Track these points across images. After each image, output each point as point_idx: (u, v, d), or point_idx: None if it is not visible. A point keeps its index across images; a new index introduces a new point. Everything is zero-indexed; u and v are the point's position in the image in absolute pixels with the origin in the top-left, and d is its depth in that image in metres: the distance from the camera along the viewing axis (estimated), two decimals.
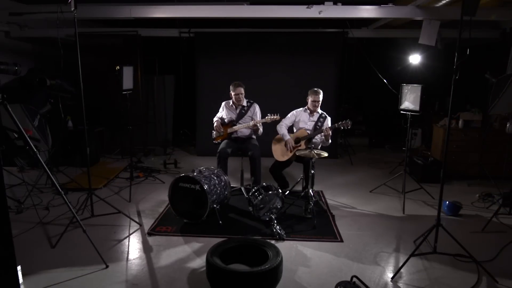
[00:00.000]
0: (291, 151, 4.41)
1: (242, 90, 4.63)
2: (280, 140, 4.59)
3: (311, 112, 4.56)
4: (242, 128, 4.64)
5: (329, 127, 4.28)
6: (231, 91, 4.66)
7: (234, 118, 4.71)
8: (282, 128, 4.58)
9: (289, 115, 4.66)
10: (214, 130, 4.74)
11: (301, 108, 4.64)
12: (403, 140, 4.80)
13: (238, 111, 4.73)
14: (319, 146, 4.49)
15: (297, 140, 4.46)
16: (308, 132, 4.46)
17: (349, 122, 4.24)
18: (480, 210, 4.36)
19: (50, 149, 5.15)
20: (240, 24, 6.68)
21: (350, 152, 6.89)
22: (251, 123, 4.55)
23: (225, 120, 4.75)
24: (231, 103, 4.75)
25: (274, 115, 4.43)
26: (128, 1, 5.15)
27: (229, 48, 6.63)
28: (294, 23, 6.53)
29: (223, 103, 4.85)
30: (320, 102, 4.52)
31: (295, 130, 4.64)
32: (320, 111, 4.57)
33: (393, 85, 5.32)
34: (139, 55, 6.71)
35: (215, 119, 4.80)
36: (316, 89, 4.51)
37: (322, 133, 4.26)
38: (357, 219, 4.06)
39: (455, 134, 5.46)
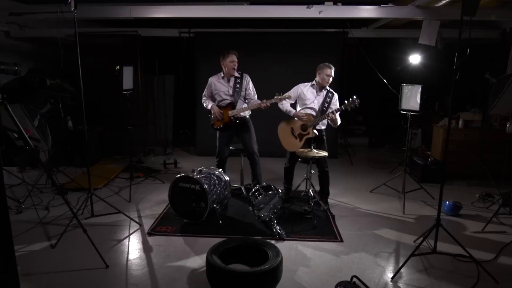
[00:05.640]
0: (300, 140, 4.14)
1: (235, 58, 4.22)
2: (285, 128, 4.24)
3: (320, 89, 4.17)
4: (246, 110, 4.28)
5: (334, 111, 3.99)
6: (225, 60, 4.23)
7: (230, 93, 4.28)
8: (284, 105, 4.17)
9: (292, 89, 4.23)
10: (211, 115, 4.34)
11: (306, 83, 4.22)
12: (403, 140, 4.80)
13: (232, 84, 4.28)
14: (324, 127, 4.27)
15: (304, 127, 4.14)
16: (314, 113, 4.13)
17: (357, 101, 3.88)
18: (480, 210, 4.36)
19: (50, 149, 5.14)
20: (240, 24, 6.68)
21: (350, 152, 6.90)
22: (260, 103, 4.09)
23: (222, 104, 4.34)
24: (222, 75, 4.34)
25: (281, 94, 4.02)
26: (128, 1, 5.15)
27: (229, 48, 6.60)
28: (294, 23, 6.53)
29: (210, 79, 4.42)
30: (332, 77, 4.09)
31: (298, 109, 4.26)
32: (327, 87, 4.18)
33: (393, 85, 5.33)
34: (139, 55, 6.71)
35: (208, 103, 4.37)
36: (327, 63, 4.11)
37: (329, 117, 4.01)
38: (357, 219, 4.06)
39: (455, 134, 5.46)
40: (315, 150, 3.84)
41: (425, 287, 2.77)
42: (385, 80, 5.50)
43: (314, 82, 4.21)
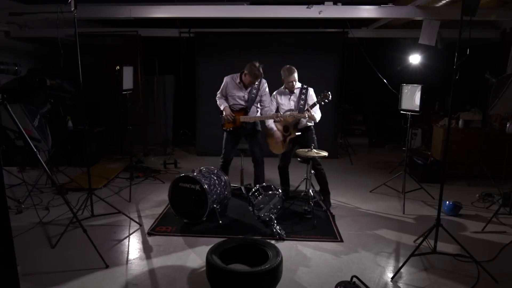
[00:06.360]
0: (283, 142, 4.25)
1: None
2: (269, 132, 4.37)
3: (289, 91, 4.26)
4: (258, 119, 4.27)
5: (308, 109, 4.03)
6: (249, 75, 4.10)
7: (245, 99, 4.23)
8: (269, 122, 4.29)
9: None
10: (222, 115, 4.28)
11: (276, 91, 4.36)
12: (403, 140, 4.80)
13: (248, 91, 4.24)
14: (311, 124, 4.29)
15: (286, 128, 4.21)
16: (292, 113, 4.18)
17: (328, 94, 3.95)
18: (480, 210, 4.36)
19: (50, 149, 5.15)
20: (240, 24, 6.68)
21: (350, 152, 6.89)
22: (273, 116, 4.09)
23: (234, 107, 4.27)
24: (238, 80, 4.24)
25: (296, 112, 4.10)
26: (128, 1, 5.15)
27: (229, 48, 6.63)
28: (294, 23, 6.53)
29: (226, 79, 4.32)
30: (297, 80, 4.18)
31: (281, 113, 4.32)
32: (299, 84, 4.23)
33: (393, 85, 5.33)
34: (139, 55, 6.71)
35: (222, 103, 4.29)
36: (288, 66, 4.18)
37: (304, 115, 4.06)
38: (357, 219, 4.06)
39: (455, 134, 5.46)
40: (315, 150, 3.84)
41: (425, 287, 2.77)
42: (385, 80, 5.51)
43: (283, 87, 4.34)
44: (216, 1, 5.26)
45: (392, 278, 2.86)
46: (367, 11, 4.92)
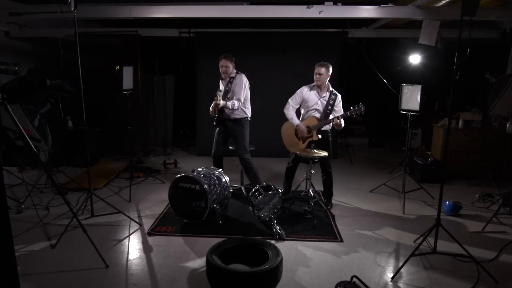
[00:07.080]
0: (303, 141, 4.17)
1: (226, 63, 4.34)
2: (288, 129, 4.31)
3: (320, 89, 4.17)
4: (213, 108, 4.39)
5: (339, 116, 3.96)
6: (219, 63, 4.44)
7: (223, 91, 4.46)
8: (290, 111, 4.23)
9: (295, 93, 4.28)
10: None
11: (306, 86, 4.25)
12: (403, 140, 4.80)
13: (225, 84, 4.49)
14: (328, 128, 4.24)
15: (308, 130, 4.13)
16: (318, 116, 4.13)
17: (363, 108, 3.86)
18: (480, 210, 4.36)
19: (50, 149, 5.14)
20: (240, 24, 6.68)
21: (350, 152, 6.90)
22: (218, 103, 4.21)
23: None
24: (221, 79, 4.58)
25: (229, 103, 4.24)
26: (128, 1, 5.15)
27: (229, 48, 6.58)
28: (294, 23, 6.53)
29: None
30: (323, 76, 4.07)
31: (302, 112, 4.32)
32: (331, 88, 4.20)
33: (393, 85, 5.33)
34: (139, 55, 6.71)
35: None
36: (322, 62, 4.15)
37: (333, 122, 4.00)
38: (357, 219, 4.06)
39: (455, 134, 5.46)
40: (315, 150, 3.84)
41: (425, 287, 2.77)
42: (385, 80, 5.51)
43: (314, 83, 4.22)
44: (216, 1, 5.26)
45: (392, 278, 2.86)
46: (367, 11, 4.92)
